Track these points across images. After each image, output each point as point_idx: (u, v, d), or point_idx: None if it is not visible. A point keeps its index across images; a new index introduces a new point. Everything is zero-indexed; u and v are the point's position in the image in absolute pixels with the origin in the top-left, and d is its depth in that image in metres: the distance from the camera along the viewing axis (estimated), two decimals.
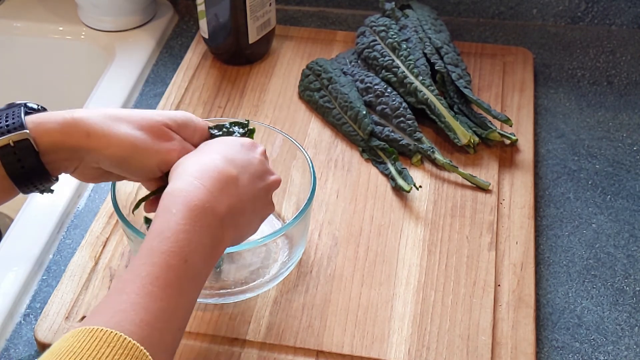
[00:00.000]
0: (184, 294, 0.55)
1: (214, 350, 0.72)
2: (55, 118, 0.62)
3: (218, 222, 0.59)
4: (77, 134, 0.62)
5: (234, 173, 0.62)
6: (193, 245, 0.56)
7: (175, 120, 0.67)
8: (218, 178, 0.61)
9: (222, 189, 0.60)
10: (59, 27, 1.16)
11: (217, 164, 0.62)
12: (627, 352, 0.74)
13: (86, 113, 0.63)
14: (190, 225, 0.57)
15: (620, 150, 0.94)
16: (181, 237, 0.56)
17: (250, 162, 0.65)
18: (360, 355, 0.71)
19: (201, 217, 0.58)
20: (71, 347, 0.48)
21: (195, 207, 0.58)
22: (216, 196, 0.59)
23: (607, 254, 0.83)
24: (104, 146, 0.63)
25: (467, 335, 0.73)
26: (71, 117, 0.62)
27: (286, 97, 1.00)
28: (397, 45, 0.96)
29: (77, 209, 0.88)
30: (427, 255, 0.80)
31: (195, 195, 0.58)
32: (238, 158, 0.64)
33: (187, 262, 0.55)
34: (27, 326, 0.76)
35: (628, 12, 1.11)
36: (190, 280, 0.56)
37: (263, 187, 0.65)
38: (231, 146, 0.66)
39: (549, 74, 1.06)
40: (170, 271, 0.54)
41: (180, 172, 0.61)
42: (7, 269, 0.80)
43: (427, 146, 0.90)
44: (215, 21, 1.01)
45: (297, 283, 0.77)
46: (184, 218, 0.57)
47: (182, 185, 0.59)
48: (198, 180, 0.60)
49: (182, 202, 0.58)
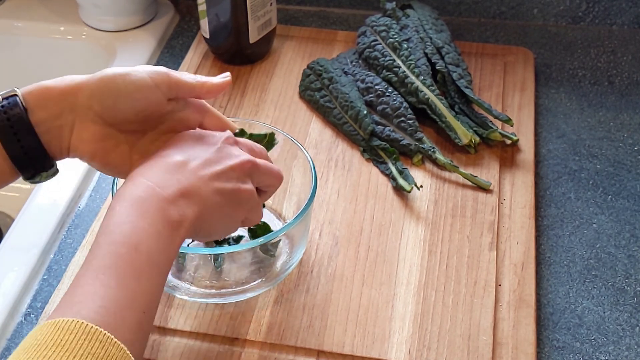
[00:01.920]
0: (142, 279, 0.55)
1: (214, 350, 0.72)
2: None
3: (167, 204, 0.59)
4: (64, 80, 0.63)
5: (180, 159, 0.62)
6: (141, 233, 0.56)
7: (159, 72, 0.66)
8: (163, 169, 0.61)
9: (166, 175, 0.60)
10: (60, 26, 1.16)
11: (165, 157, 0.62)
12: (627, 352, 0.74)
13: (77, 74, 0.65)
14: (135, 215, 0.57)
15: (621, 150, 0.94)
16: (127, 228, 0.56)
17: (206, 149, 0.64)
18: (361, 355, 0.71)
19: (146, 205, 0.58)
20: (36, 341, 0.49)
21: (138, 198, 0.58)
22: (160, 183, 0.59)
23: (608, 254, 0.83)
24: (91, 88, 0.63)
25: (467, 335, 0.73)
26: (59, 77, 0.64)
27: (287, 96, 1.00)
28: (398, 45, 0.96)
29: (78, 209, 0.89)
30: (427, 255, 0.80)
31: (137, 189, 0.59)
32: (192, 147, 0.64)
33: (137, 250, 0.55)
34: (28, 326, 0.77)
35: (629, 12, 1.11)
36: (147, 265, 0.56)
37: (222, 169, 0.63)
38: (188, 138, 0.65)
39: (550, 74, 1.06)
40: (120, 260, 0.55)
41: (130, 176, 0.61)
42: (8, 269, 0.80)
43: (428, 146, 0.90)
44: (216, 21, 1.01)
45: (297, 283, 0.77)
46: (128, 211, 0.57)
47: (126, 185, 0.60)
48: (142, 177, 0.60)
49: (125, 198, 0.58)
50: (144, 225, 0.57)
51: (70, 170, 0.91)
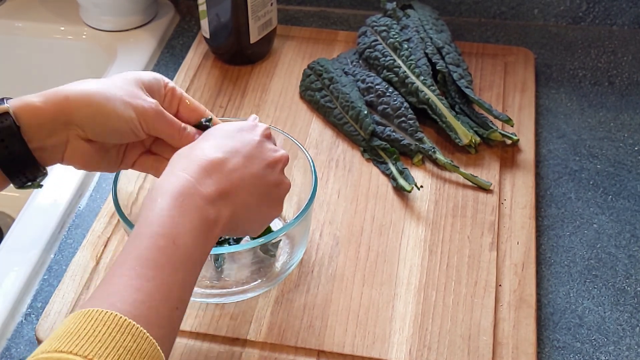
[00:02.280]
0: (177, 273, 0.56)
1: (214, 350, 0.72)
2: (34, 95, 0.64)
3: (206, 203, 0.60)
4: (56, 98, 0.64)
5: (220, 157, 0.63)
6: (180, 227, 0.57)
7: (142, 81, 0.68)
8: (203, 165, 0.61)
9: (207, 174, 0.61)
10: (61, 27, 1.16)
11: (204, 152, 0.63)
12: (628, 352, 0.74)
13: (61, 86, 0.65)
14: (175, 210, 0.58)
15: (622, 150, 0.94)
16: (167, 221, 0.57)
17: (245, 144, 0.65)
18: (361, 355, 0.71)
19: (186, 201, 0.58)
20: (69, 330, 0.50)
21: (179, 194, 0.59)
22: (200, 181, 0.60)
23: (608, 254, 0.83)
24: (82, 104, 0.64)
25: (468, 335, 0.73)
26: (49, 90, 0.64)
27: (287, 97, 1.00)
28: (399, 45, 0.96)
29: (79, 209, 0.89)
30: (428, 255, 0.80)
31: (178, 184, 0.59)
32: (230, 143, 0.65)
33: (175, 243, 0.56)
34: (28, 325, 0.77)
35: (629, 12, 1.11)
36: (182, 260, 0.56)
37: (263, 165, 0.65)
38: (226, 132, 0.66)
39: (550, 74, 1.06)
40: (159, 252, 0.55)
41: (168, 168, 0.62)
42: (8, 269, 0.80)
43: (429, 146, 0.90)
44: (217, 21, 1.01)
45: (298, 283, 0.77)
46: (168, 204, 0.58)
47: (167, 178, 0.60)
48: (183, 171, 0.60)
49: (165, 192, 0.59)
50: (184, 220, 0.57)
51: (71, 170, 0.91)
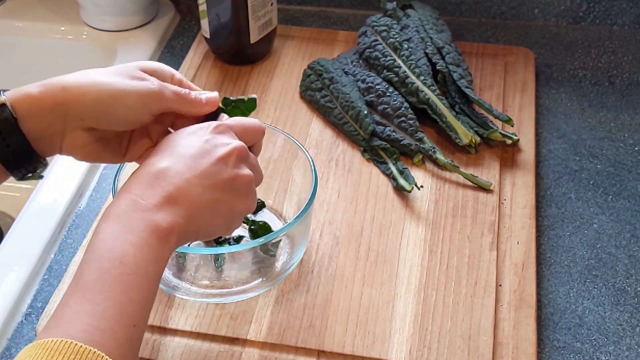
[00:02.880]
0: (131, 291, 0.55)
1: (214, 350, 0.72)
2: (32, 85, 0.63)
3: (152, 214, 0.58)
4: (53, 89, 0.63)
5: (164, 165, 0.61)
6: (125, 245, 0.56)
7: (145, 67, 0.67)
8: (145, 179, 0.60)
9: (149, 185, 0.60)
10: (61, 27, 1.17)
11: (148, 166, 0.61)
12: (628, 352, 0.74)
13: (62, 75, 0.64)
14: (119, 229, 0.57)
15: (622, 150, 0.94)
16: (110, 243, 0.56)
17: (192, 145, 0.63)
18: (361, 355, 0.71)
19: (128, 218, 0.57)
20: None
21: (121, 212, 0.58)
22: (142, 194, 0.59)
23: (608, 254, 0.83)
24: (81, 93, 0.63)
25: (468, 335, 0.73)
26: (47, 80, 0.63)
27: (287, 96, 1.00)
28: (399, 45, 0.96)
29: (79, 209, 0.89)
30: (428, 255, 0.80)
31: (120, 204, 0.59)
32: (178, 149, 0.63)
33: (122, 262, 0.55)
34: (28, 325, 0.77)
35: (630, 12, 1.11)
36: (134, 276, 0.55)
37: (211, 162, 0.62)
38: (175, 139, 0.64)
39: (551, 74, 1.06)
40: (106, 274, 0.54)
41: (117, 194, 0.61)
42: (8, 269, 0.80)
43: (429, 146, 0.90)
44: (217, 21, 1.01)
45: (298, 283, 0.77)
46: (111, 227, 0.57)
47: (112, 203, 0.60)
48: (125, 191, 0.60)
49: (108, 216, 0.58)
50: (129, 237, 0.56)
51: (71, 170, 0.91)
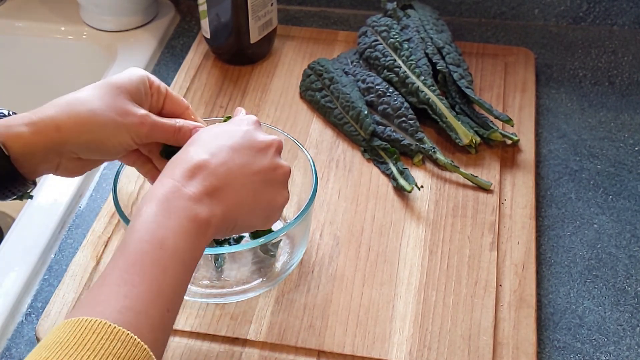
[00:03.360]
0: (167, 276, 0.55)
1: (214, 350, 0.72)
2: (22, 120, 0.63)
3: (193, 203, 0.59)
4: (47, 129, 0.63)
5: (205, 157, 0.62)
6: (166, 230, 0.56)
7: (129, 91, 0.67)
8: (187, 167, 0.61)
9: (191, 175, 0.60)
10: (61, 27, 1.17)
11: (189, 155, 0.62)
12: (628, 353, 0.74)
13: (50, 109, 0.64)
14: (161, 214, 0.57)
15: (622, 150, 0.94)
16: (152, 226, 0.56)
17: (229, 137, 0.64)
18: (361, 355, 0.71)
19: (172, 204, 0.58)
20: (58, 339, 0.49)
21: (164, 197, 0.58)
22: (185, 182, 0.60)
23: (608, 254, 0.83)
24: (75, 135, 0.64)
25: (468, 335, 0.73)
26: (37, 117, 0.63)
27: (288, 97, 1.00)
28: (399, 45, 0.96)
29: (79, 209, 0.89)
30: (428, 255, 0.80)
31: (163, 189, 0.59)
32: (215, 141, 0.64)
33: (162, 247, 0.56)
34: (28, 325, 0.77)
35: (630, 12, 1.11)
36: (171, 263, 0.56)
37: (251, 153, 0.64)
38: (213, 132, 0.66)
39: (551, 74, 1.06)
40: (146, 256, 0.55)
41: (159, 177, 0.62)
42: (8, 269, 0.80)
43: (429, 146, 0.90)
44: (217, 21, 1.01)
45: (298, 283, 0.77)
46: (153, 210, 0.58)
47: (155, 186, 0.60)
48: (167, 177, 0.60)
49: (151, 199, 0.59)
50: (170, 223, 0.57)
51: None
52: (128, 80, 0.68)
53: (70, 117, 0.64)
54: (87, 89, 0.67)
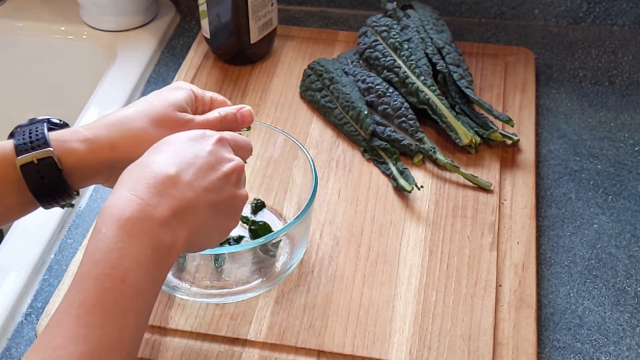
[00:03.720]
0: (128, 315, 0.52)
1: (214, 350, 0.72)
2: (77, 136, 0.63)
3: (158, 227, 0.55)
4: (102, 148, 0.63)
5: (173, 172, 0.58)
6: (128, 262, 0.53)
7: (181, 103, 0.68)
8: (153, 183, 0.56)
9: (158, 192, 0.56)
10: (61, 27, 1.17)
11: (154, 167, 0.58)
12: (628, 353, 0.74)
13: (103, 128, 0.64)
14: (123, 241, 0.53)
15: (622, 150, 0.94)
16: (114, 257, 0.52)
17: (197, 154, 0.60)
18: (361, 355, 0.71)
19: (135, 229, 0.54)
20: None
21: (127, 220, 0.54)
22: (151, 202, 0.55)
23: (608, 254, 0.83)
24: (129, 152, 0.63)
25: (468, 335, 0.73)
26: (91, 134, 0.63)
27: (288, 97, 1.00)
28: (399, 45, 0.96)
29: (79, 209, 0.89)
30: (428, 255, 0.80)
31: (125, 208, 0.54)
32: (182, 154, 0.60)
33: (124, 282, 0.52)
34: (28, 325, 0.77)
35: (630, 12, 1.11)
36: (133, 299, 0.52)
37: (217, 177, 0.60)
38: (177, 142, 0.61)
39: (551, 74, 1.06)
40: (106, 295, 0.51)
41: (116, 187, 0.57)
42: (8, 269, 0.80)
43: (429, 146, 0.90)
44: (217, 21, 1.01)
45: (298, 283, 0.77)
46: (116, 235, 0.53)
47: (112, 201, 0.56)
48: (130, 191, 0.56)
49: (112, 219, 0.54)
50: (133, 252, 0.53)
51: None
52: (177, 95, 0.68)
53: (124, 136, 0.64)
54: (136, 105, 0.67)
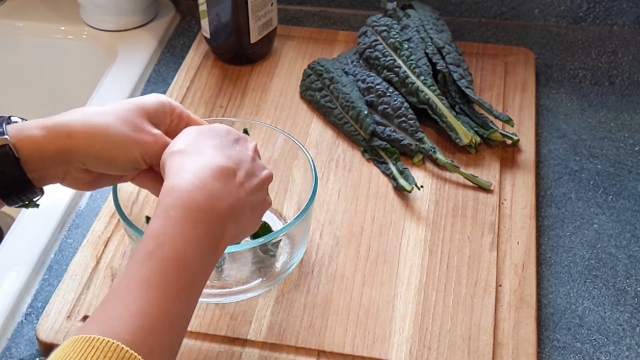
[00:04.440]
0: (183, 299, 0.54)
1: (214, 350, 0.72)
2: (35, 124, 0.62)
3: (219, 221, 0.58)
4: (59, 135, 0.62)
5: (232, 167, 0.61)
6: (192, 250, 0.55)
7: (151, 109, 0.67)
8: (218, 175, 0.59)
9: (221, 186, 0.59)
10: (61, 27, 1.17)
11: (217, 159, 0.60)
12: (628, 353, 0.74)
13: (65, 116, 0.63)
14: (189, 229, 0.55)
15: (622, 150, 0.94)
16: (180, 244, 0.55)
17: (244, 158, 0.63)
18: (361, 355, 0.71)
19: (201, 219, 0.56)
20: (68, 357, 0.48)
21: (195, 209, 0.56)
22: (216, 195, 0.58)
23: (608, 254, 0.83)
24: (86, 144, 0.62)
25: (468, 335, 0.73)
26: (51, 122, 0.63)
27: (288, 97, 1.00)
28: (399, 45, 0.96)
29: (79, 209, 0.89)
30: (428, 255, 0.80)
31: (195, 196, 0.57)
32: (230, 152, 0.63)
33: (186, 269, 0.54)
34: (28, 325, 0.77)
35: (630, 12, 1.11)
36: (189, 286, 0.55)
37: (258, 182, 0.64)
38: (223, 139, 0.64)
39: (551, 74, 1.06)
40: (168, 278, 0.53)
41: (178, 169, 0.59)
42: (8, 269, 0.80)
43: (429, 146, 0.90)
44: (217, 21, 1.01)
45: (298, 283, 0.77)
46: (183, 221, 0.55)
47: (180, 183, 0.58)
48: (197, 179, 0.58)
49: (181, 204, 0.56)
50: (197, 242, 0.55)
51: None
52: (148, 101, 0.67)
53: (84, 126, 0.63)
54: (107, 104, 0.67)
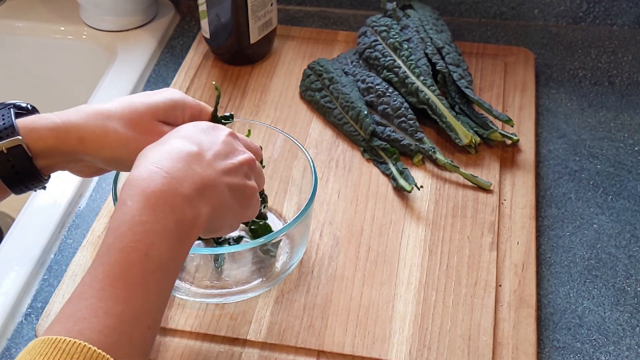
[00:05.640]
0: (151, 289, 0.52)
1: (214, 350, 0.72)
2: (47, 123, 0.62)
3: (183, 202, 0.55)
4: (70, 139, 0.62)
5: (195, 149, 0.59)
6: (153, 235, 0.53)
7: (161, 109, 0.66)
8: (178, 158, 0.57)
9: (183, 167, 0.56)
10: (61, 27, 1.17)
11: (177, 145, 0.59)
12: (628, 353, 0.74)
13: (76, 116, 0.63)
14: (148, 214, 0.53)
15: (622, 150, 0.94)
16: (139, 230, 0.52)
17: (214, 141, 0.61)
18: (361, 355, 0.71)
19: (160, 203, 0.54)
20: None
21: (152, 194, 0.54)
22: (177, 177, 0.55)
23: (608, 254, 0.83)
24: (97, 149, 0.63)
25: (468, 335, 0.73)
26: (62, 122, 0.62)
27: (287, 97, 1.00)
28: (399, 45, 0.96)
29: (79, 209, 0.89)
30: (428, 255, 0.80)
31: (151, 181, 0.55)
32: (201, 137, 0.61)
33: (148, 255, 0.52)
34: (28, 326, 0.77)
35: (630, 12, 1.11)
36: (156, 273, 0.52)
37: (232, 163, 0.61)
38: (194, 128, 0.63)
39: (551, 74, 1.06)
40: (130, 268, 0.51)
41: (139, 161, 0.57)
42: (8, 269, 0.80)
43: (429, 146, 0.90)
44: (217, 21, 1.01)
45: (298, 283, 0.77)
46: (140, 208, 0.53)
47: (138, 173, 0.56)
48: (155, 165, 0.56)
49: (137, 192, 0.54)
50: (157, 226, 0.53)
51: None
52: (160, 100, 0.67)
53: (94, 131, 0.63)
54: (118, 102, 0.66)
